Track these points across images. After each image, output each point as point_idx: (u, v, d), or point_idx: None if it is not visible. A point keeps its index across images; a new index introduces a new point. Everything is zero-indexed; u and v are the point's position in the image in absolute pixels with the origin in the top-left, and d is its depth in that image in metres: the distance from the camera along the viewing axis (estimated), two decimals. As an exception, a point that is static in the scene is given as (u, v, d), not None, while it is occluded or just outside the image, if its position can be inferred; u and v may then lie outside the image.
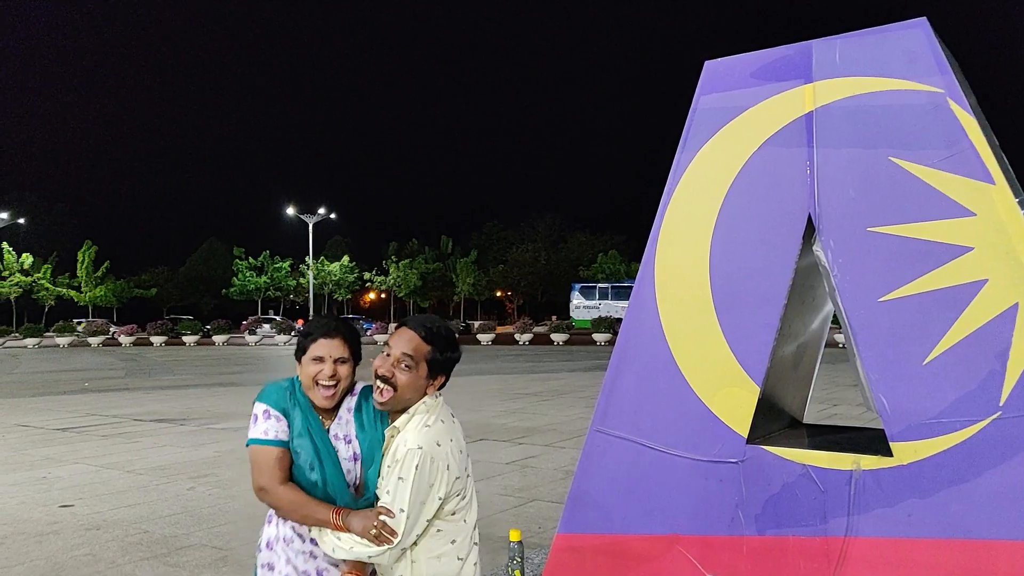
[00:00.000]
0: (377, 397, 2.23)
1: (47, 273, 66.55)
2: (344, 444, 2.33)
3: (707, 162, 3.08)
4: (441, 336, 2.28)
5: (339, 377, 2.29)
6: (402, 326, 2.30)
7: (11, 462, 9.23)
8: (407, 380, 2.21)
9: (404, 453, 2.18)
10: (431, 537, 2.23)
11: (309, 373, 2.28)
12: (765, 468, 2.81)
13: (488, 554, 5.49)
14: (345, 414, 2.37)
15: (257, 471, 2.24)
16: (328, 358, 2.29)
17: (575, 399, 14.97)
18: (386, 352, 2.25)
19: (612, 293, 47.74)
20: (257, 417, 2.29)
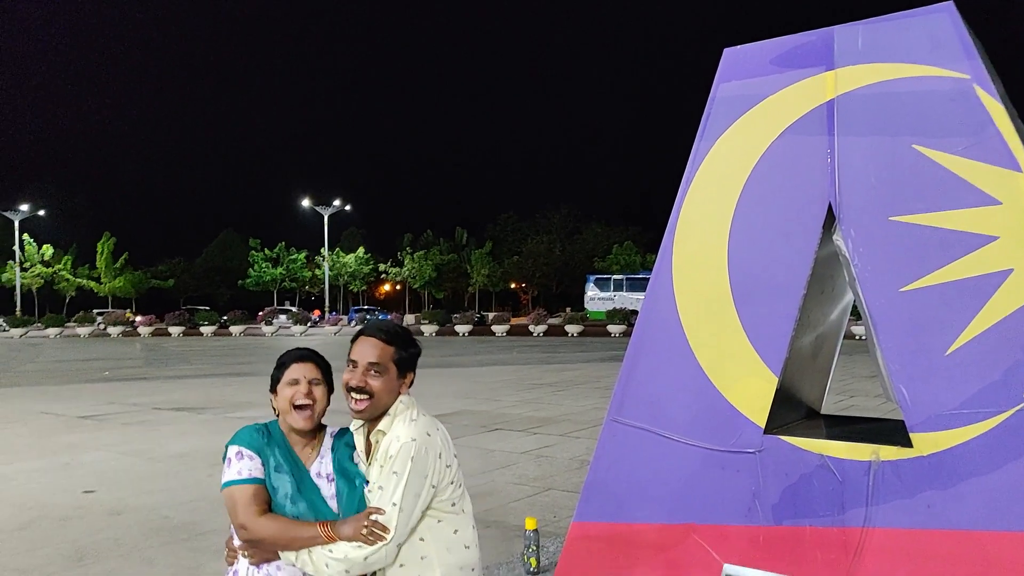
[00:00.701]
0: (354, 407, 2.25)
1: (67, 264, 67.30)
2: (327, 482, 2.33)
3: (726, 151, 3.06)
4: (400, 335, 2.32)
5: (315, 397, 2.31)
6: (360, 336, 2.32)
7: (35, 448, 9.37)
8: (380, 385, 2.24)
9: (398, 448, 2.19)
10: (436, 530, 2.24)
11: (285, 396, 2.31)
12: (783, 458, 2.80)
13: (504, 542, 5.51)
14: (327, 453, 2.39)
15: (234, 511, 2.22)
16: (303, 379, 2.32)
17: (590, 390, 14.98)
18: (351, 366, 2.27)
19: (627, 285, 47.58)
20: (231, 460, 2.29)
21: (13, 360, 25.91)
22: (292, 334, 42.77)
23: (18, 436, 10.31)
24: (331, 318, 51.92)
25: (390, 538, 2.12)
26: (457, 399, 13.75)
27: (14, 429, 10.90)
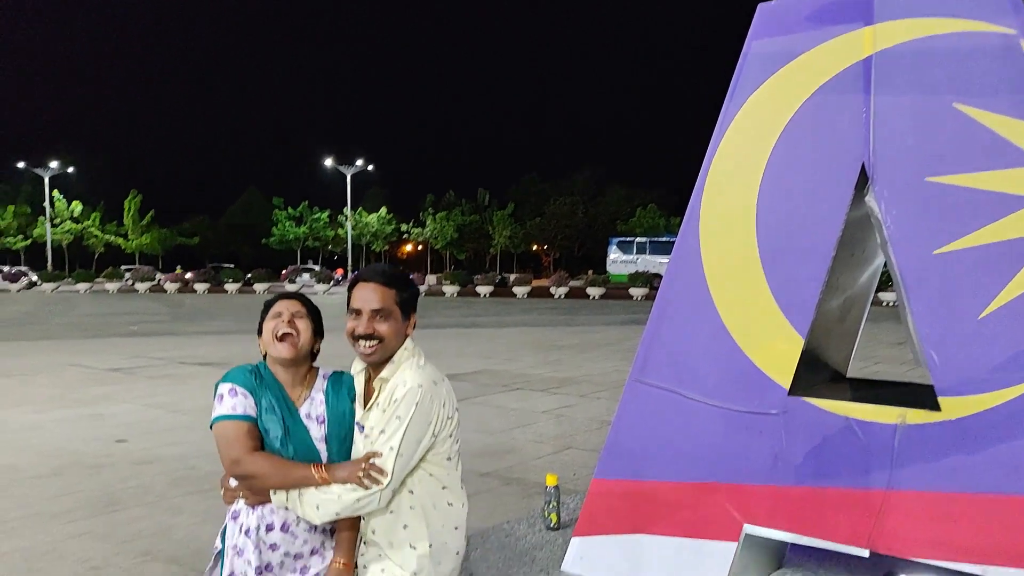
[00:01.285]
0: (363, 353, 2.22)
1: (96, 221, 68.03)
2: (316, 424, 2.31)
3: (757, 110, 3.00)
4: (398, 277, 2.30)
5: (297, 328, 2.28)
6: (358, 282, 2.28)
7: (67, 399, 9.57)
8: (388, 329, 2.22)
9: (403, 393, 2.17)
10: (427, 483, 2.23)
11: (268, 329, 2.30)
12: (807, 420, 2.80)
13: (524, 498, 5.57)
14: (318, 395, 2.36)
15: (227, 445, 2.20)
16: (285, 311, 2.31)
17: (610, 352, 14.98)
18: (354, 315, 2.24)
19: (650, 248, 47.26)
20: (223, 396, 2.26)
21: (45, 314, 26.39)
22: (315, 292, 43.10)
23: (51, 387, 10.53)
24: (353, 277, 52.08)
25: (386, 482, 2.11)
26: (478, 359, 13.82)
27: (47, 380, 11.14)
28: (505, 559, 3.40)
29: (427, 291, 44.58)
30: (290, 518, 2.24)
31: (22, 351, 14.89)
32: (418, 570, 2.19)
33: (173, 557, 4.47)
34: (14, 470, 6.32)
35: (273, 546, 2.26)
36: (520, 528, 3.83)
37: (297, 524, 2.24)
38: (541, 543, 3.61)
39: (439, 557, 2.23)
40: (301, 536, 2.27)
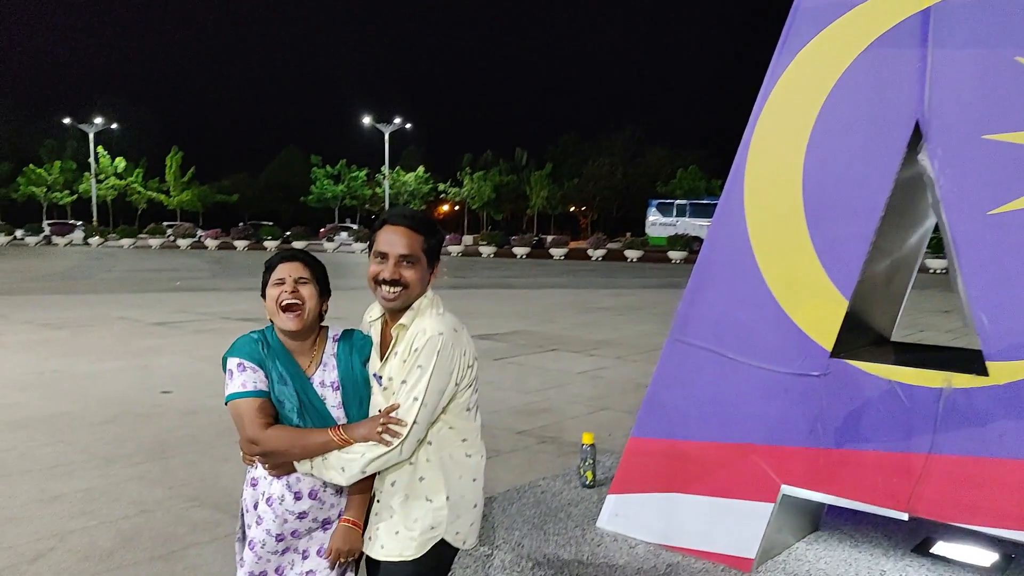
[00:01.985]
0: (386, 297, 2.14)
1: (139, 177, 69.08)
2: (332, 391, 2.21)
3: (807, 65, 2.93)
4: (426, 222, 2.20)
5: (302, 297, 2.16)
6: (385, 225, 2.18)
7: (116, 351, 9.87)
8: (414, 275, 2.14)
9: (425, 341, 2.09)
10: (446, 436, 2.17)
11: (272, 296, 2.18)
12: (848, 382, 2.78)
13: (559, 457, 5.64)
14: (330, 360, 2.24)
15: (242, 425, 2.14)
16: (288, 278, 2.18)
17: (648, 315, 14.94)
18: (379, 259, 2.15)
19: (690, 210, 46.65)
20: (232, 372, 2.18)
21: (92, 268, 27.04)
22: (352, 250, 43.48)
23: (101, 339, 10.85)
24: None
25: (408, 433, 2.06)
26: (514, 319, 13.88)
27: (97, 332, 11.46)
28: (540, 514, 3.46)
29: (463, 251, 44.65)
30: (317, 484, 2.18)
31: (72, 304, 15.31)
32: (434, 524, 2.14)
33: (219, 504, 4.63)
34: (72, 416, 6.57)
35: (302, 514, 2.20)
36: (556, 485, 3.89)
37: (324, 489, 2.19)
38: (576, 500, 3.66)
39: (457, 510, 2.18)
40: (329, 501, 2.21)
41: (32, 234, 48.33)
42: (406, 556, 2.14)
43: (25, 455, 5.48)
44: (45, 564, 3.80)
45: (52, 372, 8.42)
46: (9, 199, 69.22)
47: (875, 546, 3.12)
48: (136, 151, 73.52)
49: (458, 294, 18.92)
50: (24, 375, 8.23)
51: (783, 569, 2.91)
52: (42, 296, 16.89)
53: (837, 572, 2.88)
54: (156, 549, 4.01)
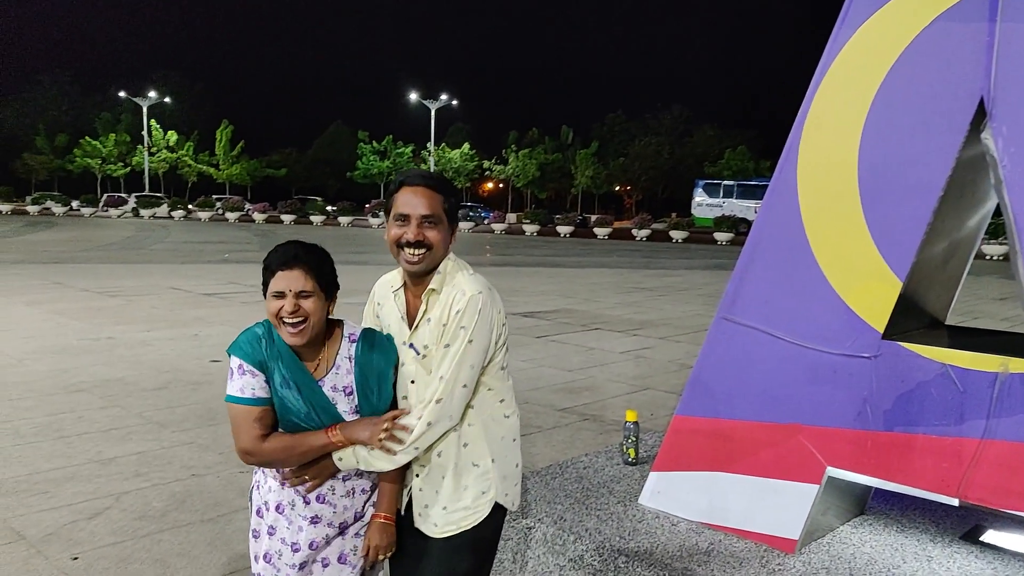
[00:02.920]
0: (411, 259, 2.06)
1: (190, 150, 70.36)
2: (344, 396, 2.06)
3: (868, 40, 2.86)
4: (445, 183, 2.14)
5: (305, 313, 1.98)
6: (403, 186, 2.11)
7: (168, 320, 10.13)
8: (437, 236, 2.07)
9: (466, 302, 2.05)
10: (483, 397, 2.13)
11: (271, 310, 2.01)
12: (900, 365, 2.73)
13: (601, 435, 5.66)
14: (344, 362, 2.08)
15: (236, 433, 2.03)
16: (288, 293, 1.98)
17: (692, 296, 14.81)
18: (400, 221, 2.08)
19: (738, 191, 45.95)
20: (232, 372, 2.05)
21: (144, 239, 27.70)
22: (398, 227, 43.70)
23: (153, 308, 11.14)
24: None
25: (457, 395, 2.03)
26: (558, 298, 13.88)
27: (150, 302, 11.77)
28: (583, 489, 3.48)
29: (507, 229, 44.68)
30: (324, 487, 2.07)
31: (126, 274, 15.73)
32: (485, 488, 2.13)
33: (267, 469, 4.78)
34: (126, 382, 6.78)
35: (314, 519, 2.08)
36: (598, 461, 3.90)
37: (333, 492, 2.08)
38: (619, 476, 3.67)
39: (503, 471, 2.16)
40: (340, 504, 2.10)
41: (88, 205, 49.67)
42: (464, 526, 2.12)
43: (82, 418, 5.68)
44: (103, 521, 3.95)
45: (107, 339, 8.69)
46: (66, 171, 71.09)
47: (922, 532, 3.08)
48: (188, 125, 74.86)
49: (501, 272, 18.97)
50: (81, 341, 8.51)
51: (827, 551, 2.89)
52: (97, 265, 17.39)
53: (883, 556, 2.85)
54: (207, 512, 4.14)
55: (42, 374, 6.97)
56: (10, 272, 15.24)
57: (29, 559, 3.52)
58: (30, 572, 3.40)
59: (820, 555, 2.86)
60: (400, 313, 2.16)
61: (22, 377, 6.83)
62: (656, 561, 2.78)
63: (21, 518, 3.95)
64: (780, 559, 2.82)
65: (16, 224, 35.38)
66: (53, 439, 5.19)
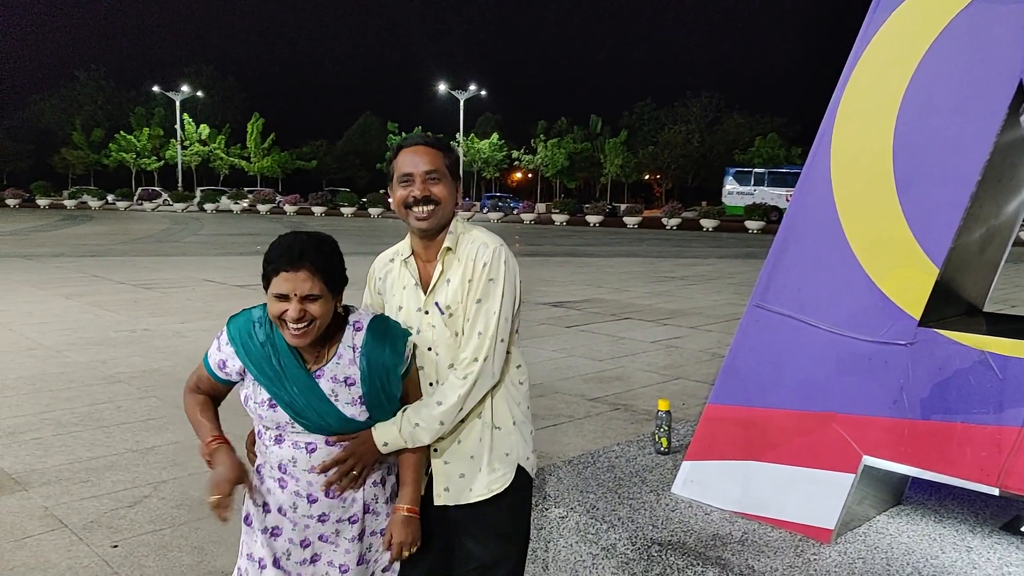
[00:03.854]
0: (420, 216, 2.04)
1: (221, 143, 71.21)
2: (345, 387, 1.93)
3: (902, 23, 2.81)
4: (441, 141, 2.14)
5: (311, 317, 1.84)
6: (402, 150, 2.10)
7: (202, 311, 10.29)
8: (443, 190, 2.06)
9: (491, 254, 2.05)
10: (504, 362, 2.11)
11: (273, 312, 1.87)
12: (937, 352, 2.69)
13: (632, 424, 5.65)
14: (347, 352, 1.95)
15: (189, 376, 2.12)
16: (293, 296, 1.82)
17: (723, 285, 14.69)
18: (404, 181, 2.07)
19: (769, 179, 45.41)
20: (217, 340, 2.03)
21: (178, 232, 28.11)
22: (427, 218, 43.89)
23: (188, 300, 11.32)
24: (465, 204, 52.85)
25: (495, 350, 2.01)
26: (587, 287, 13.86)
27: (184, 294, 11.96)
28: (615, 479, 3.48)
29: (536, 219, 44.63)
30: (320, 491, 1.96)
31: (161, 266, 15.99)
32: (509, 450, 2.14)
33: (301, 458, 4.84)
34: (163, 373, 6.90)
35: (322, 517, 1.98)
36: (630, 451, 3.89)
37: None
38: (651, 465, 3.66)
39: (523, 435, 2.18)
40: (349, 496, 2.00)
41: (123, 199, 50.54)
42: (495, 489, 2.12)
43: (121, 408, 5.79)
44: (142, 509, 4.03)
45: (143, 330, 8.84)
46: (102, 165, 72.35)
47: (961, 522, 3.04)
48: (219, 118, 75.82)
49: (531, 262, 18.97)
50: (119, 333, 8.67)
51: (863, 541, 2.86)
52: (134, 258, 17.69)
53: (920, 547, 2.82)
54: (241, 500, 4.20)
55: (82, 365, 7.11)
56: (50, 265, 15.56)
57: (71, 546, 3.60)
58: (72, 559, 3.49)
59: (856, 545, 2.84)
60: (414, 280, 2.14)
61: (63, 368, 6.99)
62: (690, 550, 2.77)
63: (64, 506, 4.04)
64: (815, 549, 2.80)
65: (54, 218, 36.10)
66: (93, 429, 5.31)
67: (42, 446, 4.94)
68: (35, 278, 13.38)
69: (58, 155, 72.60)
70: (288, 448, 1.96)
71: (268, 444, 1.99)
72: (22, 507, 4.01)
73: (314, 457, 1.95)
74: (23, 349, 7.71)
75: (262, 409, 1.95)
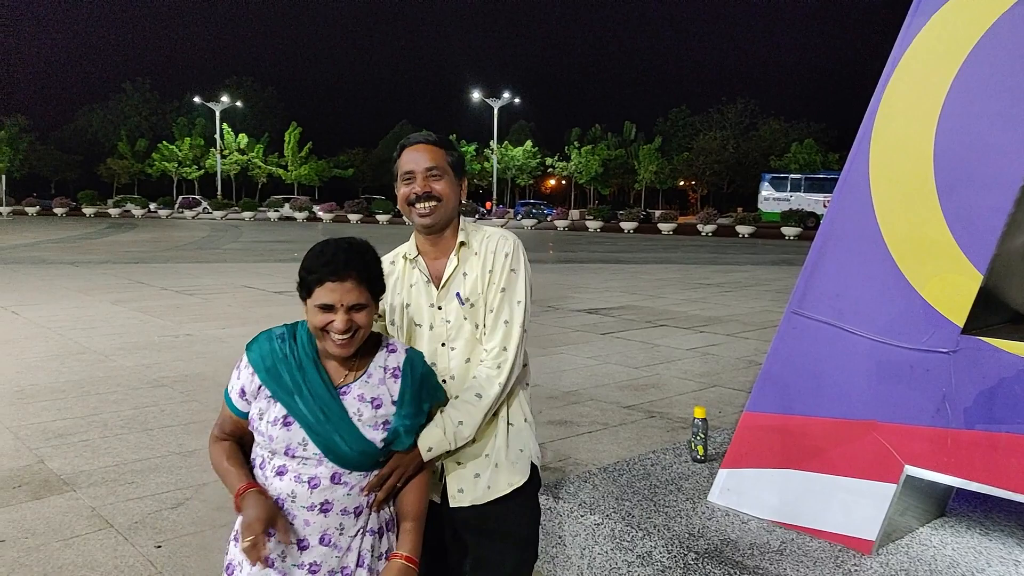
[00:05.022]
0: (422, 213, 2.07)
1: (259, 152, 72.35)
2: (371, 408, 1.85)
3: (943, 26, 2.77)
4: (444, 139, 2.15)
5: (357, 326, 1.80)
6: (405, 147, 2.12)
7: (241, 317, 10.46)
8: (445, 187, 2.09)
9: (511, 245, 2.10)
10: None
11: (315, 323, 1.81)
12: (981, 360, 2.64)
13: (668, 432, 5.62)
14: (378, 372, 1.89)
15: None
16: (340, 307, 1.78)
17: (760, 292, 14.53)
18: (407, 180, 2.09)
19: (805, 185, 44.81)
20: (239, 368, 1.93)
21: (218, 239, 28.59)
22: (462, 225, 44.12)
23: (228, 306, 11.51)
24: (498, 211, 52.98)
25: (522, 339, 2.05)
26: (622, 294, 13.80)
27: (224, 300, 12.17)
28: (651, 486, 3.47)
29: (570, 226, 44.59)
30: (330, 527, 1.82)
31: (202, 272, 16.28)
32: (523, 446, 2.14)
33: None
34: (204, 377, 7.03)
35: (313, 567, 1.81)
36: (666, 458, 3.88)
37: (340, 532, 1.84)
38: (687, 473, 3.64)
39: (533, 431, 2.21)
40: (344, 544, 1.85)
41: (164, 207, 51.58)
42: (515, 483, 2.12)
43: (164, 411, 5.91)
44: (184, 511, 4.11)
45: (185, 336, 9.01)
46: (145, 174, 73.96)
47: (1008, 535, 2.98)
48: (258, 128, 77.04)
49: (565, 268, 18.95)
50: (162, 338, 8.85)
51: (906, 553, 2.82)
52: (176, 264, 18.04)
53: (965, 560, 2.77)
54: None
55: (128, 369, 7.28)
56: (96, 272, 15.94)
57: (117, 546, 3.69)
58: (118, 558, 3.57)
59: (898, 556, 2.79)
60: (424, 277, 2.14)
61: (109, 372, 7.15)
62: (726, 559, 2.75)
63: (110, 507, 4.14)
64: (856, 560, 2.76)
65: (100, 226, 36.96)
66: (138, 432, 5.43)
67: (89, 448, 5.06)
68: (82, 284, 13.71)
69: (104, 165, 74.43)
70: (289, 482, 1.81)
71: (268, 477, 1.84)
72: (70, 507, 4.12)
73: (315, 494, 1.80)
74: (72, 353, 7.91)
75: (275, 428, 1.81)
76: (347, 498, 1.83)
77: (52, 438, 5.24)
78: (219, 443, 1.94)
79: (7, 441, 5.15)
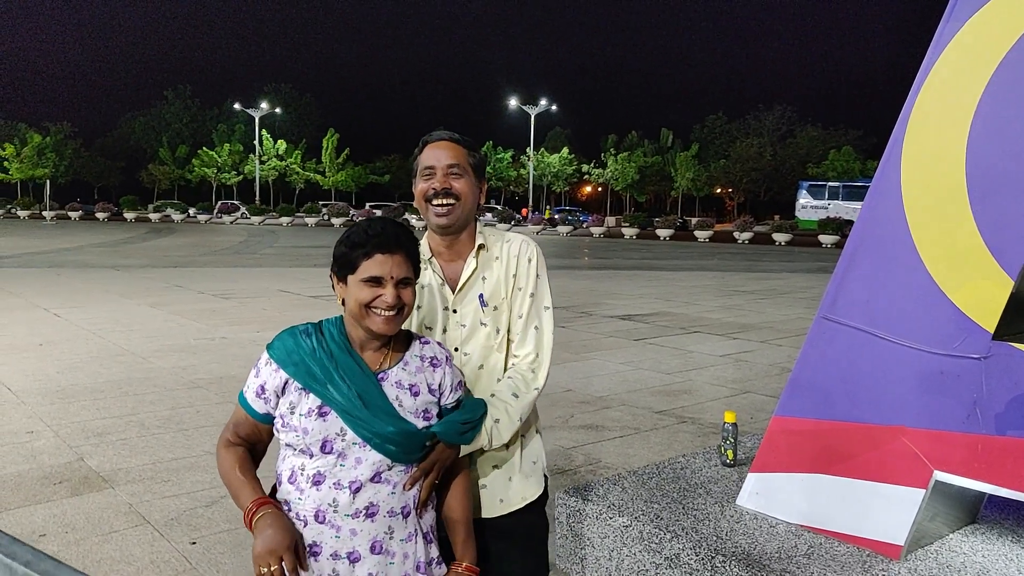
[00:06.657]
0: (439, 211, 2.02)
1: (297, 158, 73.38)
2: (410, 396, 1.78)
3: (977, 33, 2.75)
4: (467, 139, 2.12)
5: (404, 302, 1.75)
6: (427, 144, 2.11)
7: (277, 320, 10.63)
8: (464, 186, 2.04)
9: (534, 250, 2.10)
10: None
11: (361, 299, 1.72)
12: (1013, 366, 2.61)
13: (699, 437, 5.60)
14: (415, 360, 1.83)
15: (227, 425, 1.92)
16: (388, 280, 1.71)
17: (794, 299, 14.38)
18: (427, 174, 2.06)
19: (843, 193, 44.23)
20: (258, 368, 1.86)
21: (255, 244, 29.05)
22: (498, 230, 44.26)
23: (264, 310, 11.70)
24: (534, 217, 53.02)
25: (550, 343, 2.05)
26: (656, 300, 13.75)
27: (260, 304, 12.37)
28: (680, 489, 3.47)
29: (606, 233, 44.49)
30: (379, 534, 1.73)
31: (239, 276, 16.56)
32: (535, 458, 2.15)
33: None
34: (239, 380, 7.15)
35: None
36: (696, 462, 3.87)
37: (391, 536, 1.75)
38: (717, 477, 3.63)
39: (541, 441, 2.21)
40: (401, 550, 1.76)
41: (203, 212, 52.54)
42: (528, 497, 2.11)
43: (200, 412, 6.04)
44: (219, 509, 4.20)
45: (221, 339, 9.18)
46: (185, 180, 75.41)
47: (1040, 544, 2.93)
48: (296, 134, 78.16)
49: (599, 275, 18.93)
50: (198, 340, 9.03)
51: (935, 559, 2.79)
52: (213, 269, 18.37)
53: (996, 567, 2.73)
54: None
55: (165, 371, 7.44)
56: (136, 276, 16.30)
57: (154, 542, 3.78)
58: (155, 553, 3.66)
59: (927, 563, 2.77)
60: (439, 279, 2.08)
61: (147, 373, 7.32)
62: (754, 562, 2.75)
63: (147, 504, 4.25)
64: (884, 565, 2.74)
65: (141, 231, 37.76)
66: (174, 431, 5.55)
67: (128, 446, 5.19)
68: (123, 288, 14.04)
69: (145, 171, 76.07)
70: (328, 490, 1.70)
71: (304, 489, 1.72)
72: (109, 503, 4.23)
73: (358, 498, 1.70)
74: (112, 355, 8.11)
75: (309, 420, 1.71)
76: (392, 497, 1.73)
77: (91, 436, 5.38)
78: (231, 448, 1.83)
79: (48, 439, 5.31)
